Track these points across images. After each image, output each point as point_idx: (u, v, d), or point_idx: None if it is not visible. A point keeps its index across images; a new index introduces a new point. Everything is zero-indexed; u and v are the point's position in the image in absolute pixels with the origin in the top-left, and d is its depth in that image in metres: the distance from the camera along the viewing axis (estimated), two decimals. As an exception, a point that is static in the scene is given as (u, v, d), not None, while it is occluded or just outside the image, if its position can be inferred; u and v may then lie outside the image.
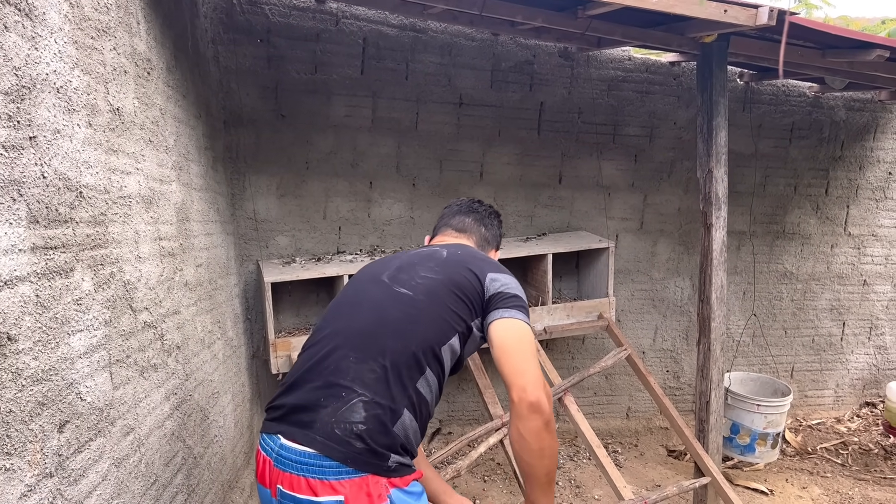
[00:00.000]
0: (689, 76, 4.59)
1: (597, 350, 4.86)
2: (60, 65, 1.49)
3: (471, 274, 1.81)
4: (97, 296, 1.65)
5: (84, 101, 1.61)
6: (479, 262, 1.87)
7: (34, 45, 1.38)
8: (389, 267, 1.87)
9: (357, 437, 1.55)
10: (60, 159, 1.47)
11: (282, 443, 1.60)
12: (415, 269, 1.82)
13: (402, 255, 1.94)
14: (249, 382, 3.80)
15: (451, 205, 2.23)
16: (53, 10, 1.47)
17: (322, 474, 1.53)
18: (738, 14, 2.88)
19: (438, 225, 2.20)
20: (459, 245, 2.02)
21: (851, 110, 5.07)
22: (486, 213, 2.20)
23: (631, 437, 5.01)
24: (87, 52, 1.65)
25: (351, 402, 1.59)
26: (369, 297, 1.79)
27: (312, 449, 1.55)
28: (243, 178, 3.84)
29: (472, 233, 2.13)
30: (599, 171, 4.59)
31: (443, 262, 1.84)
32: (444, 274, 1.80)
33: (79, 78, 1.58)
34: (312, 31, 3.80)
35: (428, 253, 1.91)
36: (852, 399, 5.72)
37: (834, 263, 5.36)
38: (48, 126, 1.42)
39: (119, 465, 1.73)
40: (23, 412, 1.27)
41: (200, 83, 3.07)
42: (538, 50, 4.27)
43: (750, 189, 4.95)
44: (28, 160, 1.33)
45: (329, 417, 1.57)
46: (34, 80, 1.37)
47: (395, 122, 4.09)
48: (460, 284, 1.78)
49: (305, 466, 1.55)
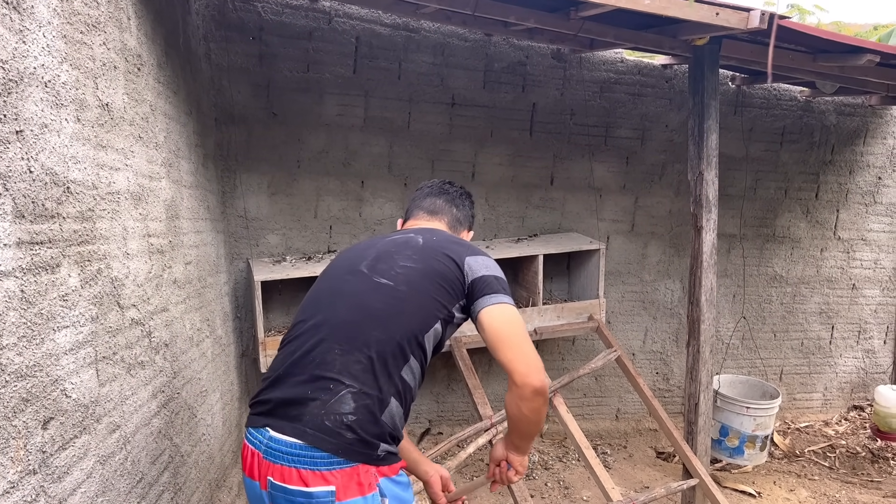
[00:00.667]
0: (682, 79, 4.60)
1: (587, 351, 4.87)
2: (49, 59, 1.48)
3: (449, 260, 1.81)
4: (84, 292, 1.64)
5: (72, 96, 1.60)
6: (456, 246, 1.87)
7: (22, 38, 1.37)
8: (366, 257, 1.85)
9: (347, 427, 1.58)
10: (48, 154, 1.46)
11: (271, 435, 1.61)
12: (393, 259, 1.81)
13: (378, 243, 1.90)
14: (238, 381, 3.79)
15: (423, 187, 2.20)
16: (42, 3, 1.46)
17: (313, 465, 1.56)
18: (729, 17, 2.89)
19: (410, 208, 2.17)
20: (433, 230, 2.00)
21: (842, 115, 5.10)
22: (458, 193, 2.17)
23: (620, 439, 5.02)
24: (77, 47, 1.64)
25: (340, 394, 1.60)
26: (350, 289, 1.78)
27: (303, 441, 1.57)
28: (234, 175, 3.82)
29: (444, 214, 2.11)
30: (591, 173, 4.60)
31: (420, 249, 1.83)
32: (423, 262, 1.79)
33: (67, 72, 1.57)
34: (305, 30, 3.79)
35: (404, 240, 1.88)
36: (840, 402, 5.75)
37: (823, 267, 5.38)
38: (35, 120, 1.41)
39: (104, 462, 1.71)
40: (6, 408, 1.26)
41: (192, 80, 3.05)
42: (531, 51, 4.27)
43: (741, 192, 4.97)
44: (14, 154, 1.32)
45: (319, 410, 1.59)
46: (21, 73, 1.36)
47: (388, 121, 4.09)
48: (440, 272, 1.78)
49: (296, 458, 1.56)
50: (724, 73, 4.67)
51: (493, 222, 4.49)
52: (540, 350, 4.71)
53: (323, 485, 1.55)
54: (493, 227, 4.49)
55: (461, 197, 2.18)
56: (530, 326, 4.06)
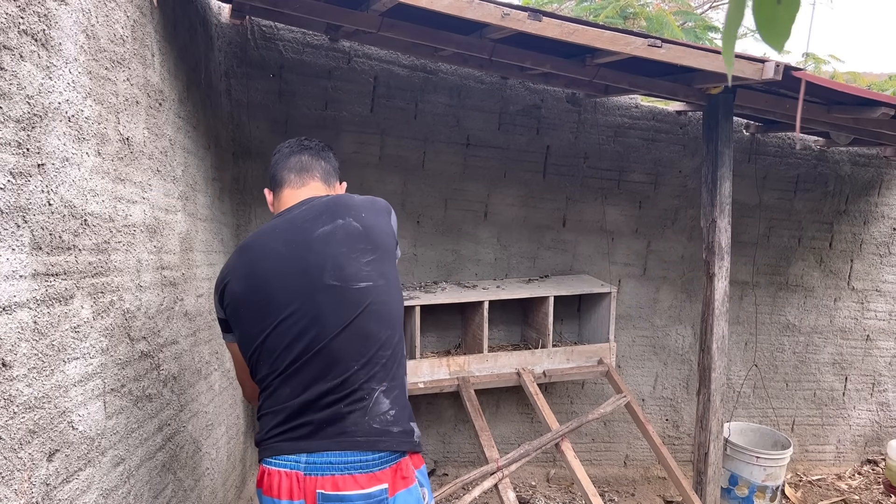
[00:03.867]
0: (696, 125, 4.63)
1: (596, 395, 4.82)
2: (73, 94, 1.51)
3: (388, 235, 1.86)
4: (95, 324, 1.65)
5: (94, 131, 1.63)
6: (380, 217, 1.88)
7: (48, 74, 1.40)
8: (321, 266, 1.74)
9: (392, 422, 1.74)
10: (67, 187, 1.48)
11: (312, 454, 1.68)
12: (352, 259, 1.76)
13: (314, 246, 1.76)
14: (244, 415, 3.77)
15: (280, 149, 2.04)
16: (70, 40, 1.50)
17: (366, 468, 1.68)
18: (744, 68, 2.91)
19: (276, 173, 2.00)
20: (335, 201, 1.88)
21: (857, 165, 5.10)
22: (319, 147, 2.06)
23: (628, 486, 4.94)
24: (101, 83, 1.67)
25: (374, 398, 1.73)
26: (334, 308, 1.72)
27: (358, 449, 1.68)
28: (249, 209, 3.86)
29: (315, 170, 1.99)
30: (604, 216, 4.60)
31: (361, 235, 1.79)
32: (377, 250, 1.80)
33: (91, 107, 1.61)
34: (324, 69, 3.85)
35: (342, 231, 1.79)
36: (854, 455, 5.64)
37: (837, 317, 5.33)
38: (57, 154, 1.44)
39: (107, 496, 1.71)
40: (13, 440, 1.26)
41: (212, 115, 3.10)
42: (546, 94, 4.32)
43: (753, 239, 4.96)
44: (35, 187, 1.34)
45: (361, 418, 1.70)
46: (46, 108, 1.39)
47: (403, 160, 4.13)
48: (389, 248, 1.85)
49: (348, 465, 1.67)
50: (738, 121, 4.70)
51: (505, 262, 4.49)
52: (548, 393, 4.69)
53: (377, 484, 1.68)
54: (505, 266, 4.49)
55: (324, 149, 2.07)
56: (539, 368, 4.04)
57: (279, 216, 1.88)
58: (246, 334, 1.77)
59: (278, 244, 1.77)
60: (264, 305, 1.74)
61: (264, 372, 1.75)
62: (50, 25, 1.40)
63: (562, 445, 3.58)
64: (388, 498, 1.69)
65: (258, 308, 1.74)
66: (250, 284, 1.76)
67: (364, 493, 1.65)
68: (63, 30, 1.46)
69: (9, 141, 1.25)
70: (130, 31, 1.90)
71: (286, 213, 1.87)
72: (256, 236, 1.84)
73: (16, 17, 1.27)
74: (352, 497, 1.64)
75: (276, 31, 3.73)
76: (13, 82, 1.26)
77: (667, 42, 2.84)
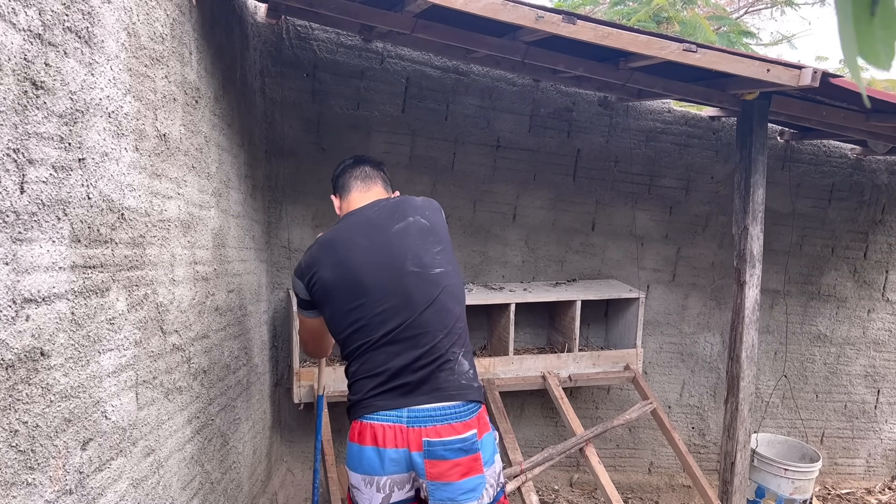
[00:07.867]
0: (729, 131, 4.57)
1: (622, 401, 4.79)
2: (114, 90, 1.54)
3: (446, 230, 2.28)
4: (130, 316, 1.68)
5: (133, 127, 1.66)
6: (437, 215, 2.29)
7: (91, 70, 1.43)
8: (402, 256, 2.11)
9: (472, 378, 2.14)
10: (106, 181, 1.51)
11: (411, 409, 2.02)
12: (426, 249, 2.15)
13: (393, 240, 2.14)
14: (271, 410, 3.81)
15: (344, 162, 2.45)
16: (112, 38, 1.53)
17: (459, 417, 2.04)
18: (780, 74, 2.88)
19: (344, 183, 2.39)
20: (400, 202, 2.27)
21: (894, 174, 5.00)
22: (375, 161, 2.47)
23: (652, 493, 4.90)
24: (140, 80, 1.71)
25: (457, 360, 2.11)
26: (420, 289, 2.10)
27: (453, 401, 2.04)
28: (280, 206, 3.90)
29: (377, 178, 2.40)
30: (633, 221, 4.57)
31: (429, 230, 2.20)
32: (442, 242, 2.21)
33: (130, 104, 1.64)
34: (357, 69, 3.88)
35: (405, 228, 2.16)
36: (885, 470, 5.53)
37: (870, 329, 5.23)
38: (97, 149, 1.47)
39: (137, 485, 1.74)
40: (49, 428, 1.29)
41: (246, 113, 3.14)
42: (578, 98, 4.30)
43: (786, 248, 4.89)
44: (75, 181, 1.37)
45: (451, 376, 2.07)
46: (88, 104, 1.42)
47: (432, 160, 4.14)
48: (449, 241, 2.26)
49: (446, 416, 2.02)
50: (773, 128, 4.63)
51: (532, 265, 4.48)
52: (573, 397, 4.67)
53: (469, 430, 2.04)
54: (532, 269, 4.48)
55: (380, 164, 2.48)
56: (565, 373, 4.02)
57: (350, 216, 2.26)
58: (339, 311, 2.13)
59: (360, 238, 2.15)
60: (355, 289, 2.10)
61: (358, 342, 2.10)
62: (93, 23, 1.43)
63: (586, 450, 3.56)
64: (477, 440, 2.05)
65: (350, 292, 2.11)
66: (340, 273, 2.12)
67: (461, 437, 2.01)
68: (105, 27, 1.49)
69: (52, 135, 1.28)
70: (170, 29, 1.94)
71: (357, 213, 2.25)
72: (336, 233, 2.20)
73: (60, 15, 1.30)
74: (453, 441, 1.99)
75: (310, 31, 3.76)
76: (57, 78, 1.29)
77: (702, 47, 2.81)
